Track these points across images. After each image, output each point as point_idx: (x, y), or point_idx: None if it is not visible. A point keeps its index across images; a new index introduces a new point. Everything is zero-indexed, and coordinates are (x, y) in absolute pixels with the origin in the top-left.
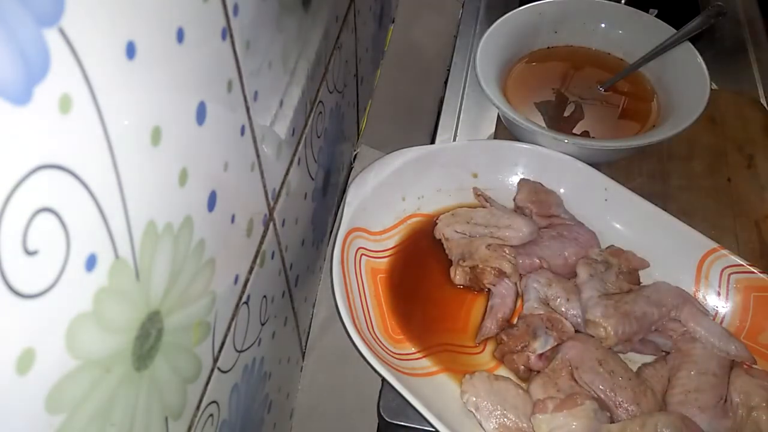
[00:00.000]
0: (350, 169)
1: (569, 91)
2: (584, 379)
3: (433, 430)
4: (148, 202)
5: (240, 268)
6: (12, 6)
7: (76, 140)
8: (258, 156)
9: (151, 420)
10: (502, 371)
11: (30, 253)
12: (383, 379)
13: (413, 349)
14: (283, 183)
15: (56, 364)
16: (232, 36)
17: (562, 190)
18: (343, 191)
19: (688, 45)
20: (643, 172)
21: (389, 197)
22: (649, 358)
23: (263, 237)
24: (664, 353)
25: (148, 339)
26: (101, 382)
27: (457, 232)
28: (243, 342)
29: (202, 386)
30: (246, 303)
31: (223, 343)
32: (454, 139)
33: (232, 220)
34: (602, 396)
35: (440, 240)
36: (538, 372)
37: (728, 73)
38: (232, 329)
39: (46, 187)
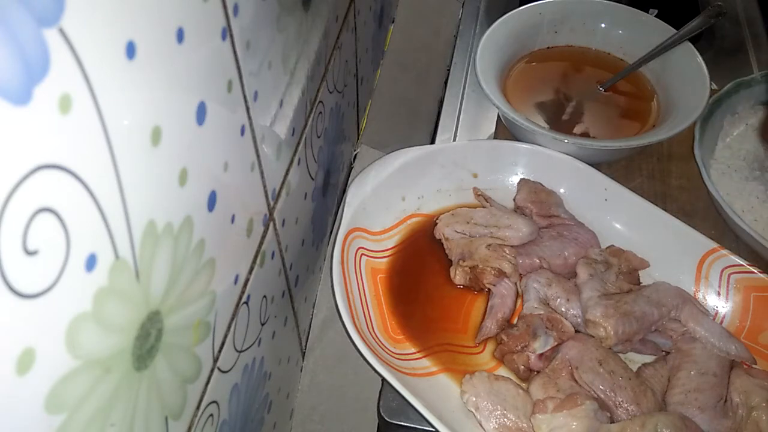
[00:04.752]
0: (350, 169)
1: (569, 91)
2: (584, 379)
3: (433, 430)
4: (148, 202)
5: (240, 268)
6: (12, 6)
7: (76, 140)
8: (258, 156)
9: (151, 420)
10: (502, 371)
11: (30, 253)
12: (383, 379)
13: (413, 349)
14: (283, 183)
15: (56, 364)
16: (232, 36)
17: (562, 190)
18: (343, 191)
19: (688, 45)
20: (643, 172)
21: (389, 197)
22: (649, 358)
23: (263, 237)
24: (664, 353)
25: (148, 339)
26: (101, 382)
27: (457, 232)
28: (243, 342)
29: (202, 386)
30: (246, 303)
31: (223, 343)
32: (454, 139)
33: (232, 220)
34: (602, 396)
35: (440, 240)
36: (538, 372)
37: (728, 73)
38: (232, 329)
39: (46, 187)
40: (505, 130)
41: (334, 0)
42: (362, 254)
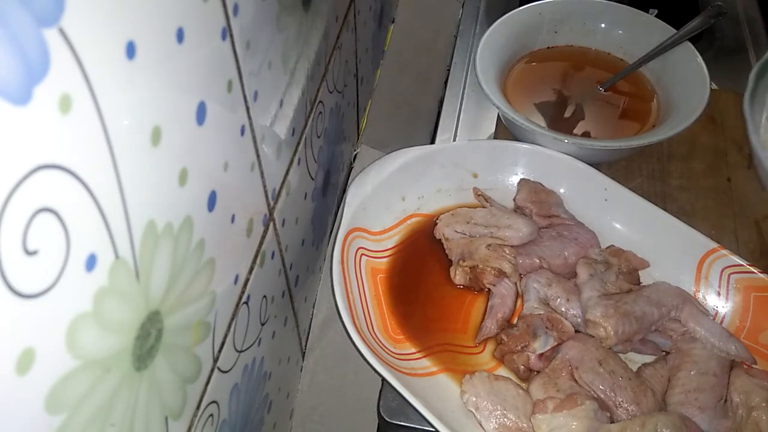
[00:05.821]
0: (350, 169)
1: (569, 91)
2: (584, 379)
3: (433, 430)
4: (148, 202)
5: (240, 268)
6: (12, 6)
7: (76, 140)
8: (258, 156)
9: (151, 420)
10: (502, 371)
11: (30, 253)
12: (383, 379)
13: (413, 349)
14: (283, 183)
15: (56, 364)
16: (232, 36)
17: (562, 190)
18: (343, 191)
19: (688, 45)
20: (643, 172)
21: (389, 197)
22: (649, 358)
23: (263, 237)
24: (664, 353)
25: (148, 339)
26: (101, 382)
27: (457, 232)
28: (243, 342)
29: (202, 386)
30: (246, 303)
31: (223, 343)
32: (454, 139)
33: (232, 220)
34: (602, 396)
35: (440, 240)
36: (538, 372)
37: (728, 73)
38: (232, 329)
39: (46, 187)
40: (505, 130)
41: (334, 0)
42: (362, 254)
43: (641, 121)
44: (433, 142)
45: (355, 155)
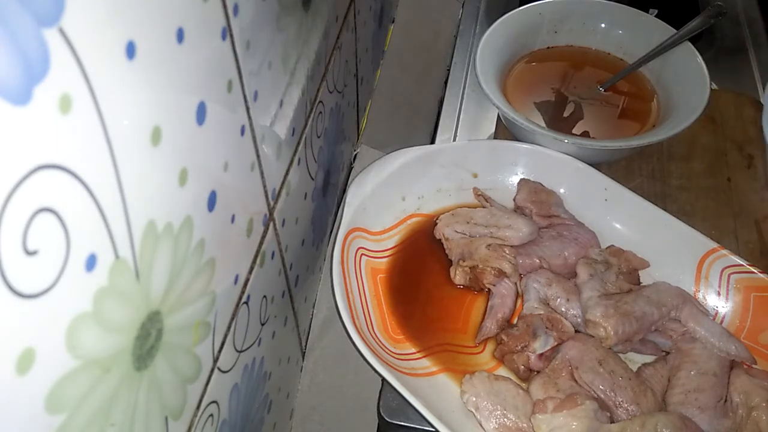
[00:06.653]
0: (350, 169)
1: (569, 91)
2: (584, 379)
3: (433, 430)
4: (148, 202)
5: (240, 268)
6: (12, 6)
7: (76, 140)
8: (258, 156)
9: (151, 420)
10: (502, 371)
11: (30, 253)
12: (383, 379)
13: (413, 349)
14: (283, 183)
15: (56, 364)
16: (232, 36)
17: (562, 190)
18: (343, 191)
19: (688, 45)
20: (643, 172)
21: (389, 197)
22: (649, 358)
23: (263, 237)
24: (664, 353)
25: (148, 339)
26: (101, 382)
27: (457, 232)
28: (243, 342)
29: (202, 386)
30: (246, 303)
31: (223, 343)
32: (454, 139)
33: (232, 220)
34: (602, 396)
35: (440, 240)
36: (538, 372)
37: (728, 73)
38: (232, 329)
39: (46, 187)
40: (505, 130)
41: (333, 0)
42: (362, 254)
43: (641, 121)
44: (433, 142)
45: (355, 155)
